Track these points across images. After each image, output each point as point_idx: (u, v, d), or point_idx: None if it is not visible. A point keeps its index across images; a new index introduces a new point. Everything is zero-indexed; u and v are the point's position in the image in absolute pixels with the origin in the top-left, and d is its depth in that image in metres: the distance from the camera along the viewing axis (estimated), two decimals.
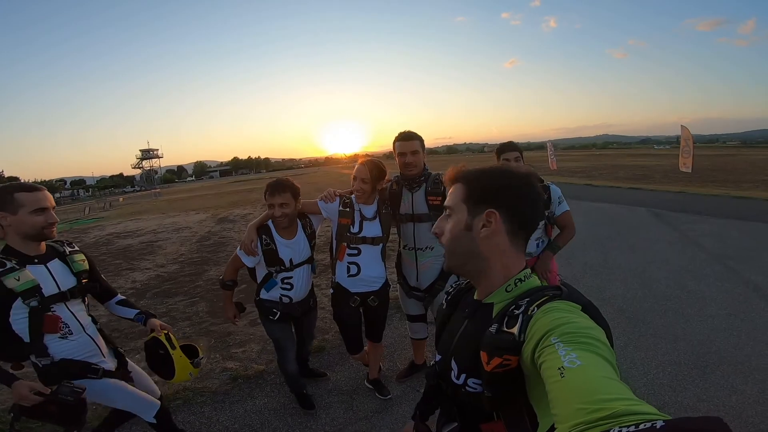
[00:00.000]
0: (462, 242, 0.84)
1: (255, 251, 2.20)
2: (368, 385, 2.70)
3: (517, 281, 0.81)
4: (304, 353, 2.85)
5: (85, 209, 24.95)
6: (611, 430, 0.44)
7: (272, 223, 2.23)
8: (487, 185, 0.84)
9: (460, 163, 0.93)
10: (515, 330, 0.69)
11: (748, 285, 4.04)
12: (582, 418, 0.48)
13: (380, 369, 2.79)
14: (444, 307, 1.01)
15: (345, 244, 2.25)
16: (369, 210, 2.28)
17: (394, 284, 2.62)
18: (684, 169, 15.57)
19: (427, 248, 2.32)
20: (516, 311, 0.72)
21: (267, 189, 2.19)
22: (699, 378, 2.58)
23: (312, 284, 2.50)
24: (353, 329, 2.44)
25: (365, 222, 2.25)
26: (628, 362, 2.80)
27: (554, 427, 0.53)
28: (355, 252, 2.26)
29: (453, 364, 0.86)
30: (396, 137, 2.29)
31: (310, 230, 2.35)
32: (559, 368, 0.56)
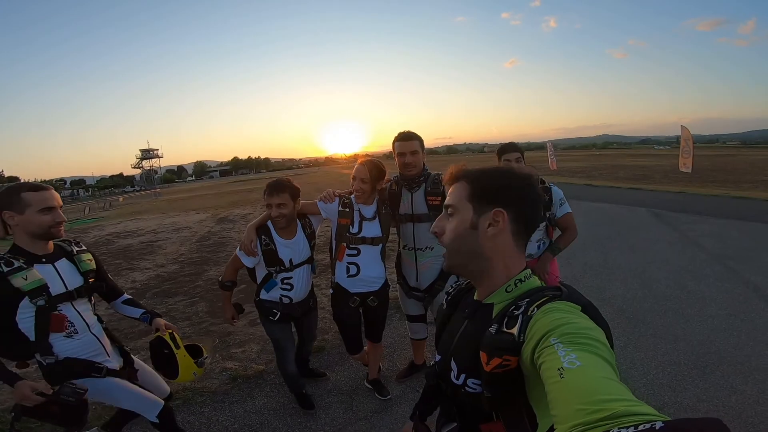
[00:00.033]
0: (467, 241, 0.82)
1: (255, 252, 2.19)
2: (368, 386, 2.70)
3: (517, 282, 0.81)
4: (305, 353, 2.85)
5: (85, 209, 24.93)
6: (610, 431, 0.44)
7: (271, 224, 2.23)
8: (494, 184, 0.83)
9: (460, 162, 0.93)
10: (515, 330, 0.69)
11: (748, 285, 4.04)
12: (581, 419, 0.48)
13: (380, 369, 2.79)
14: (444, 308, 1.01)
15: (344, 245, 2.25)
16: (368, 210, 2.28)
17: (394, 284, 2.62)
18: (684, 170, 15.57)
19: (427, 248, 2.31)
20: (516, 312, 0.72)
21: (266, 189, 2.19)
22: (699, 378, 2.58)
23: (312, 284, 2.50)
24: (353, 329, 2.44)
25: (365, 222, 2.25)
26: (628, 362, 2.80)
27: (554, 428, 0.53)
28: (355, 252, 2.26)
29: (453, 365, 0.86)
30: (395, 137, 2.29)
31: (310, 230, 2.34)
32: (559, 369, 0.56)
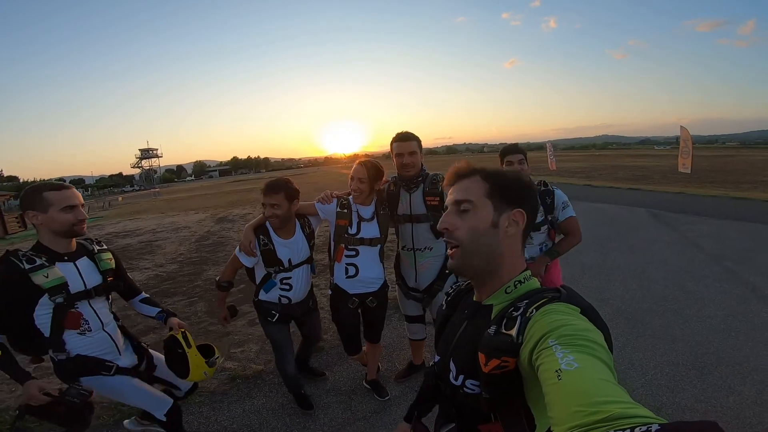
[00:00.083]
0: (487, 240, 0.80)
1: (254, 252, 2.19)
2: (366, 386, 2.70)
3: (517, 283, 0.81)
4: (307, 354, 2.87)
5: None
6: None
7: (269, 223, 2.23)
8: (513, 185, 0.83)
9: (463, 160, 0.91)
10: (513, 332, 0.69)
11: (747, 286, 4.05)
12: (578, 421, 0.48)
13: (379, 369, 2.79)
14: (443, 308, 1.01)
15: (343, 246, 2.25)
16: (366, 211, 2.28)
17: (393, 285, 2.62)
18: (683, 170, 15.60)
19: (426, 249, 2.31)
20: (514, 313, 0.72)
21: (263, 188, 2.19)
22: (697, 379, 2.59)
23: (312, 285, 2.50)
24: (352, 330, 2.44)
25: (363, 223, 2.25)
26: (627, 363, 2.80)
27: (551, 430, 0.53)
28: (353, 253, 2.25)
29: (451, 365, 0.86)
30: (393, 138, 2.29)
31: (309, 230, 2.34)
32: (556, 370, 0.56)
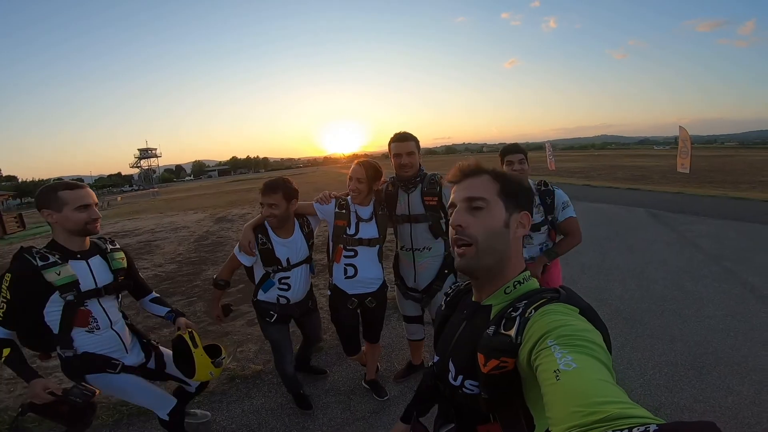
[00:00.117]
0: (500, 240, 0.81)
1: (253, 252, 2.19)
2: (365, 386, 2.70)
3: (516, 283, 0.82)
4: (308, 354, 2.88)
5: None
6: None
7: (268, 223, 2.23)
8: (519, 187, 0.84)
9: (470, 158, 0.91)
10: (512, 332, 0.69)
11: (746, 286, 4.05)
12: (576, 421, 0.48)
13: (378, 369, 2.79)
14: (443, 309, 1.01)
15: (341, 246, 2.25)
16: (365, 211, 2.27)
17: (392, 285, 2.62)
18: (682, 170, 15.63)
19: (425, 249, 2.31)
20: (513, 313, 0.72)
21: (261, 188, 2.19)
22: (695, 379, 2.59)
23: (311, 285, 2.50)
24: (351, 330, 2.43)
25: (361, 223, 2.25)
26: (625, 363, 2.81)
27: (549, 430, 0.53)
28: (352, 254, 2.25)
29: (451, 366, 0.86)
30: (391, 138, 2.28)
31: (308, 229, 2.34)
32: (555, 371, 0.56)
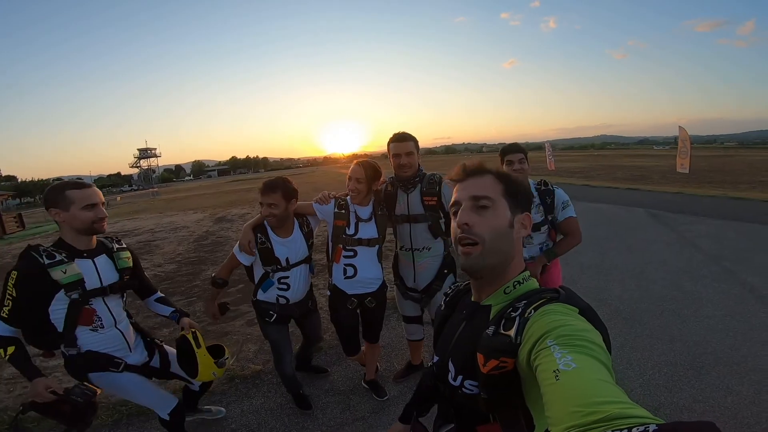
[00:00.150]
0: (506, 240, 0.81)
1: (253, 252, 2.19)
2: (365, 386, 2.70)
3: (516, 283, 0.82)
4: (309, 353, 2.89)
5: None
6: None
7: (267, 222, 2.23)
8: (521, 189, 0.84)
9: (474, 158, 0.92)
10: (512, 332, 0.69)
11: (745, 286, 4.05)
12: (575, 421, 0.48)
13: (377, 369, 2.79)
14: (442, 309, 1.01)
15: (341, 246, 2.25)
16: (364, 211, 2.27)
17: (391, 285, 2.62)
18: (681, 170, 15.64)
19: (424, 249, 2.31)
20: (513, 314, 0.72)
21: (260, 187, 2.19)
22: (695, 379, 2.59)
23: (311, 285, 2.49)
24: (350, 330, 2.43)
25: (361, 223, 2.25)
26: (625, 363, 2.81)
27: (549, 430, 0.53)
28: (351, 254, 2.25)
29: (450, 366, 0.86)
30: (390, 138, 2.28)
31: (308, 229, 2.34)
32: (554, 371, 0.56)
